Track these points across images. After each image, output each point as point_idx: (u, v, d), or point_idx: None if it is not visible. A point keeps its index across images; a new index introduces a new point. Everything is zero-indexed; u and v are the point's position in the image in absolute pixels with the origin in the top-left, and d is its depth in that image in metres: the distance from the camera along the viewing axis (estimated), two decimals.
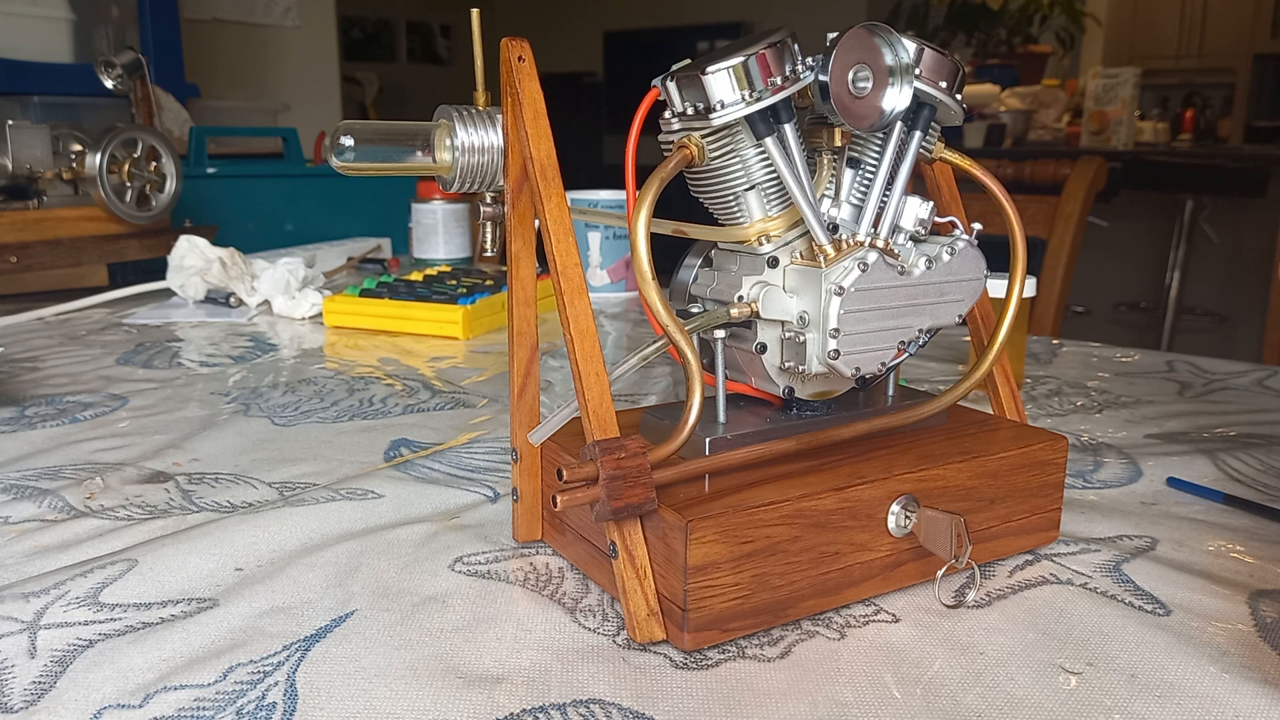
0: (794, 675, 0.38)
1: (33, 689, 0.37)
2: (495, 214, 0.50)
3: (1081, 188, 1.38)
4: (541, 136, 0.43)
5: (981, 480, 0.46)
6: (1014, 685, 0.37)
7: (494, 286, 1.09)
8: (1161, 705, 0.36)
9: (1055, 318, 1.35)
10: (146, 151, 1.24)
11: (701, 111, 0.42)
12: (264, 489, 0.57)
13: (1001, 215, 0.48)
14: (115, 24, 2.09)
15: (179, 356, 0.91)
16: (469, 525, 0.52)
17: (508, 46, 0.43)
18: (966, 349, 0.92)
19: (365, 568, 0.47)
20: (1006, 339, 0.49)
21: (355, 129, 0.47)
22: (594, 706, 0.36)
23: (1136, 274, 3.24)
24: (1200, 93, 5.01)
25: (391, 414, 0.73)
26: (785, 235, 0.44)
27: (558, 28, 6.53)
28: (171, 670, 0.38)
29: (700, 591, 0.38)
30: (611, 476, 0.38)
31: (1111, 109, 3.31)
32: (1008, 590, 0.45)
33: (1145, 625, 0.42)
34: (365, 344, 0.97)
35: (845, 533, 0.42)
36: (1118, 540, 0.50)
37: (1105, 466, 0.62)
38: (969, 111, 3.27)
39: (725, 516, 0.39)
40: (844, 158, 0.46)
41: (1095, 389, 0.81)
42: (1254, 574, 0.47)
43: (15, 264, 1.16)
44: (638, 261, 0.40)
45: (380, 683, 0.37)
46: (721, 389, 0.45)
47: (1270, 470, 0.61)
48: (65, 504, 0.55)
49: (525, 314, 0.47)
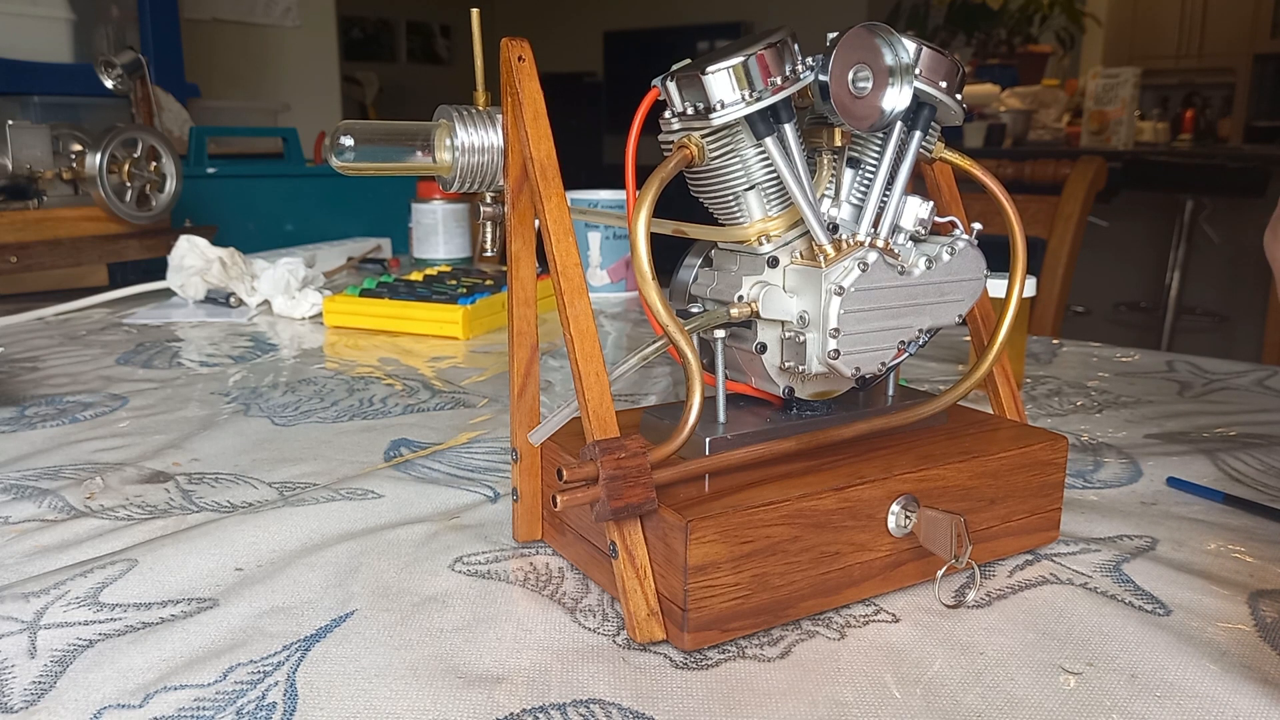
0: (794, 675, 0.38)
1: (33, 689, 0.37)
2: (495, 214, 0.50)
3: (1081, 188, 1.38)
4: (541, 136, 0.43)
5: (981, 480, 0.46)
6: (1014, 685, 0.37)
7: (494, 286, 1.09)
8: (1161, 705, 0.36)
9: (1055, 318, 1.35)
10: (146, 151, 1.24)
11: (701, 111, 0.42)
12: (264, 489, 0.57)
13: (1001, 215, 0.48)
14: (115, 24, 2.09)
15: (179, 356, 0.91)
16: (469, 525, 0.52)
17: (508, 46, 0.43)
18: (966, 349, 0.92)
19: (365, 568, 0.47)
20: (1006, 339, 0.49)
21: (355, 129, 0.47)
22: (594, 706, 0.36)
23: (1136, 274, 3.24)
24: (1200, 93, 5.01)
25: (391, 414, 0.73)
26: (785, 235, 0.44)
27: (558, 28, 6.53)
28: (171, 670, 0.38)
29: (700, 591, 0.38)
30: (611, 476, 0.38)
31: (1111, 109, 3.31)
32: (1008, 590, 0.45)
33: (1145, 625, 0.42)
34: (365, 344, 0.97)
35: (845, 533, 0.42)
36: (1118, 540, 0.50)
37: (1105, 466, 0.62)
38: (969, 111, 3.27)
39: (725, 516, 0.39)
40: (844, 158, 0.46)
41: (1095, 389, 0.81)
42: (1254, 574, 0.47)
43: (15, 264, 1.16)
44: (638, 261, 0.40)
45: (380, 683, 0.37)
46: (721, 389, 0.45)
47: (1270, 470, 0.61)
48: (65, 504, 0.55)
49: (525, 314, 0.47)
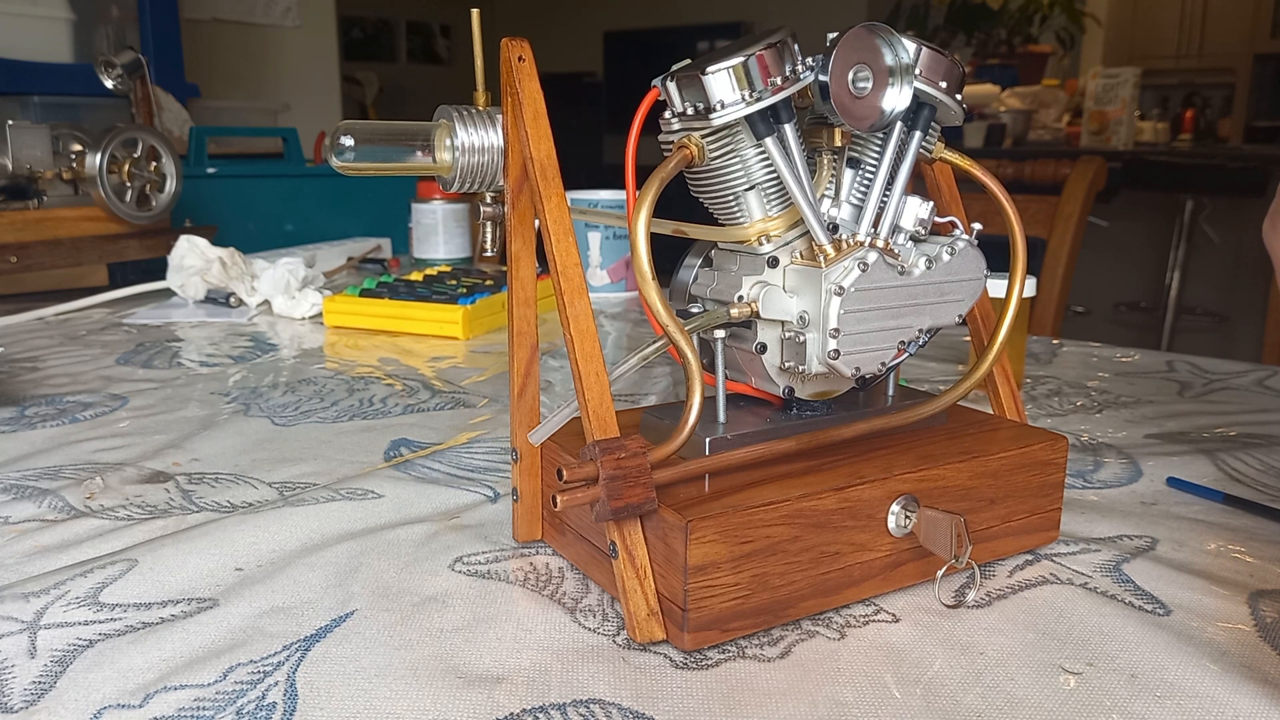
0: (794, 675, 0.38)
1: (33, 689, 0.37)
2: (495, 214, 0.50)
3: (1081, 188, 1.38)
4: (541, 136, 0.43)
5: (981, 480, 0.46)
6: (1014, 685, 0.37)
7: (494, 286, 1.09)
8: (1161, 705, 0.36)
9: (1055, 318, 1.35)
10: (146, 151, 1.24)
11: (701, 111, 0.42)
12: (264, 489, 0.57)
13: (1001, 215, 0.48)
14: (115, 24, 2.09)
15: (179, 356, 0.91)
16: (469, 525, 0.52)
17: (508, 46, 0.43)
18: (966, 349, 0.92)
19: (365, 568, 0.47)
20: (1006, 339, 0.49)
21: (355, 129, 0.47)
22: (594, 706, 0.36)
23: (1136, 274, 3.24)
24: (1200, 93, 5.01)
25: (391, 414, 0.73)
26: (785, 235, 0.44)
27: (558, 28, 6.53)
28: (171, 670, 0.38)
29: (700, 591, 0.38)
30: (611, 476, 0.38)
31: (1111, 109, 3.31)
32: (1008, 590, 0.45)
33: (1145, 625, 0.42)
34: (365, 344, 0.97)
35: (845, 533, 0.42)
36: (1118, 540, 0.50)
37: (1105, 466, 0.62)
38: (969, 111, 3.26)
39: (725, 516, 0.39)
40: (844, 158, 0.46)
41: (1095, 389, 0.81)
42: (1254, 574, 0.47)
43: (15, 264, 1.16)
44: (638, 261, 0.40)
45: (380, 683, 0.37)
46: (721, 389, 0.45)
47: (1270, 470, 0.61)
48: (65, 504, 0.55)
49: (525, 314, 0.47)
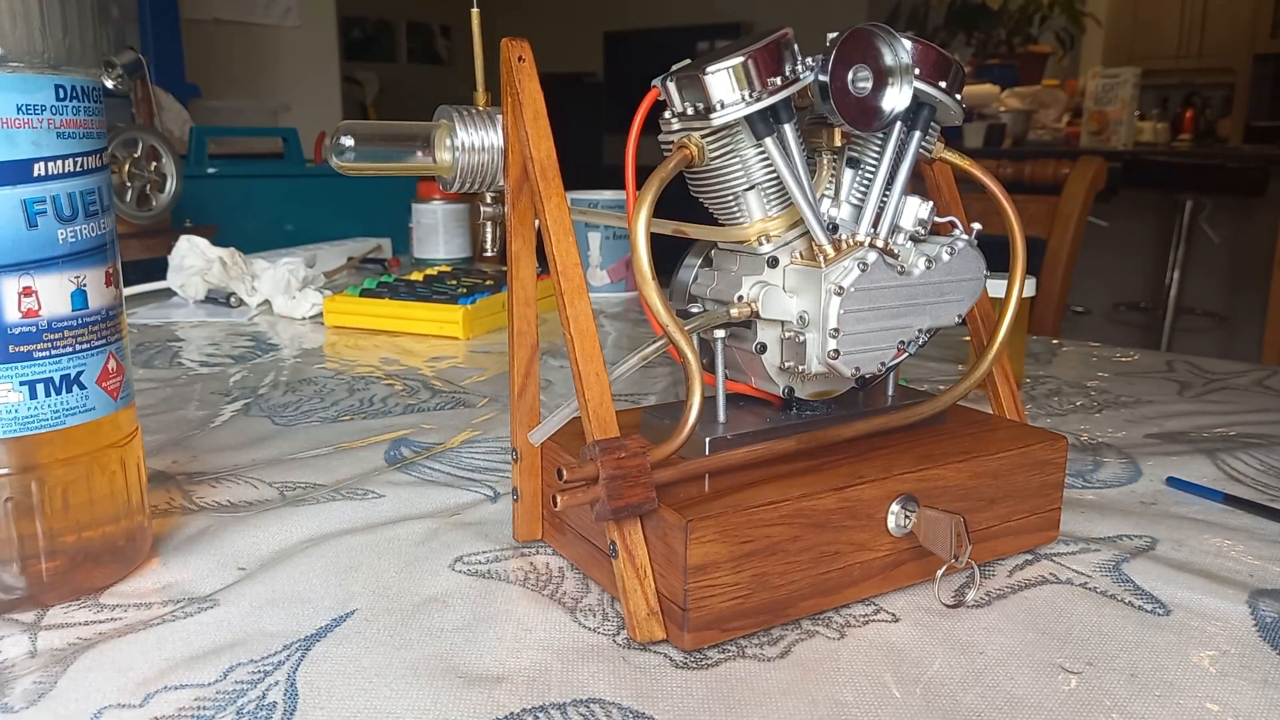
0: (794, 675, 0.38)
1: (33, 689, 0.37)
2: (495, 214, 0.50)
3: (1081, 188, 1.38)
4: (541, 136, 0.43)
5: (981, 480, 0.46)
6: (1014, 685, 0.37)
7: (494, 286, 1.09)
8: (1161, 705, 0.36)
9: (1055, 318, 1.35)
10: (146, 151, 1.24)
11: (701, 111, 0.42)
12: (264, 488, 0.57)
13: (1001, 215, 0.48)
14: (115, 24, 2.09)
15: (179, 356, 0.91)
16: (469, 525, 0.52)
17: (508, 46, 0.43)
18: (966, 349, 0.92)
19: (365, 567, 0.47)
20: (1006, 339, 0.49)
21: (355, 129, 0.47)
22: (594, 706, 0.36)
23: (1136, 274, 3.24)
24: (1200, 93, 5.01)
25: (391, 414, 0.73)
26: (785, 235, 0.44)
27: (558, 28, 6.53)
28: (172, 670, 0.38)
29: (700, 591, 0.38)
30: (611, 476, 0.38)
31: (1111, 109, 3.31)
32: (1007, 590, 0.45)
33: (1145, 625, 0.42)
34: (365, 344, 0.97)
35: (845, 532, 0.42)
36: (1117, 540, 0.50)
37: (1105, 466, 0.62)
38: (969, 111, 3.27)
39: (725, 516, 0.39)
40: (844, 158, 0.46)
41: (1095, 389, 0.81)
42: (1254, 574, 0.47)
43: None
44: (638, 261, 0.40)
45: (380, 682, 0.37)
46: (721, 389, 0.45)
47: (1270, 470, 0.61)
48: None
49: (525, 314, 0.47)
